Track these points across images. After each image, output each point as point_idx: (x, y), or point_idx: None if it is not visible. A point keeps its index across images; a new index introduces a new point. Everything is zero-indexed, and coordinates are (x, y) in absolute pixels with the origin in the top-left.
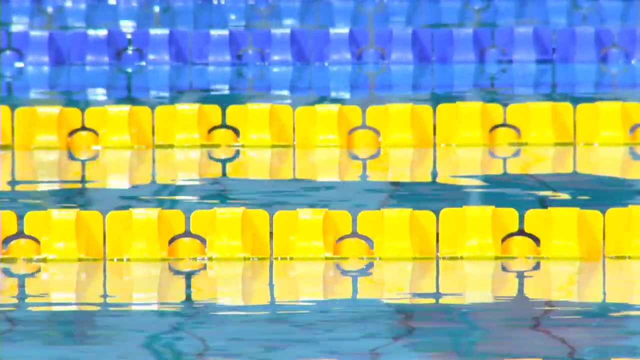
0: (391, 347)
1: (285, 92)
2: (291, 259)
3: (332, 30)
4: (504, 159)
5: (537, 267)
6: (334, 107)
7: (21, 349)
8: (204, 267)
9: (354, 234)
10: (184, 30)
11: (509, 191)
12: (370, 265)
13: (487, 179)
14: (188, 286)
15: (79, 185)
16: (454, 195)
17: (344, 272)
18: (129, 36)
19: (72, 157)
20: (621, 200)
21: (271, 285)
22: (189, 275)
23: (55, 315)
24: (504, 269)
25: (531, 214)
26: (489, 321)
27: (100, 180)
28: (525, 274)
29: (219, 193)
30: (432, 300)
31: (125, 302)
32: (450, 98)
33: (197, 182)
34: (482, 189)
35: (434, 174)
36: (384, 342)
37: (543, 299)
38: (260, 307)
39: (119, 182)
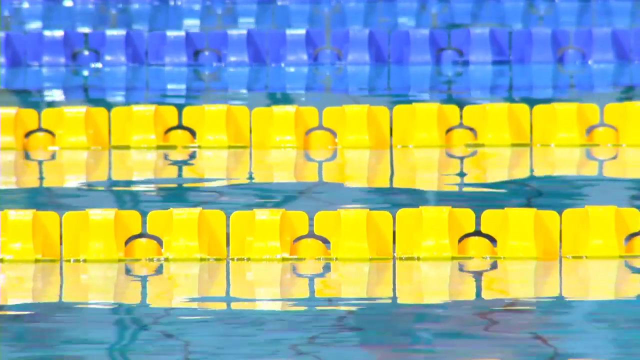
0: (341, 347)
1: (242, 93)
2: (248, 259)
3: (289, 32)
4: (461, 160)
5: (494, 267)
6: (291, 108)
7: None
8: (161, 268)
9: (311, 234)
10: (140, 31)
11: (465, 192)
12: (326, 266)
13: (442, 180)
14: (144, 287)
15: (36, 186)
16: (411, 196)
17: (300, 273)
18: (85, 37)
19: (28, 158)
20: (577, 200)
21: (227, 286)
22: (144, 276)
23: (8, 316)
24: (460, 269)
25: (487, 215)
26: (445, 321)
27: (57, 181)
28: (482, 274)
29: (175, 194)
30: (389, 301)
31: (80, 302)
32: (407, 99)
33: (153, 183)
34: (438, 190)
35: (391, 175)
36: (334, 343)
37: (500, 299)
38: (215, 308)
39: (75, 182)
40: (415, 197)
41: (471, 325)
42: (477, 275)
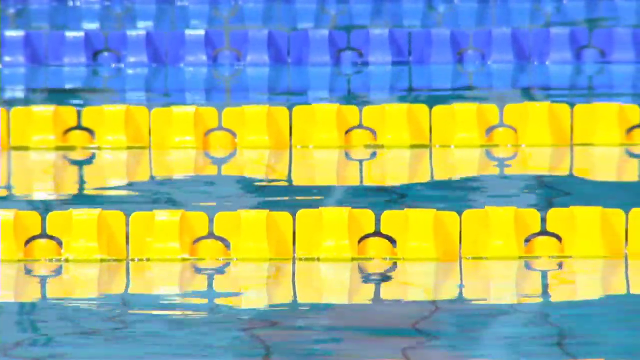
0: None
1: (142, 93)
2: (148, 260)
3: (188, 32)
4: (360, 160)
5: (393, 268)
6: (190, 109)
7: None
8: (60, 269)
9: (211, 235)
10: (39, 32)
11: (365, 192)
12: (226, 266)
13: (341, 180)
14: (43, 287)
15: None
16: (311, 197)
17: (200, 272)
18: None
19: None
20: (477, 201)
21: (127, 287)
22: (43, 277)
23: None
24: (360, 270)
25: (387, 215)
26: (343, 324)
27: None
28: (381, 275)
29: (75, 195)
30: (287, 300)
31: None
32: (306, 100)
33: (53, 184)
34: (339, 190)
35: (290, 175)
36: (231, 345)
37: (397, 300)
38: (113, 308)
39: None
40: (315, 198)
41: (369, 327)
42: (377, 276)
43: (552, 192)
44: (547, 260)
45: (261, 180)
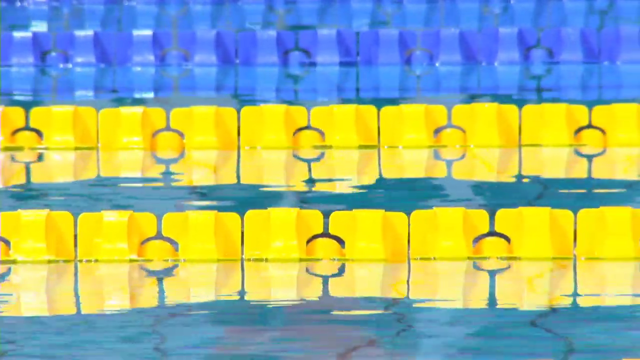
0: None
1: (90, 94)
2: (96, 261)
3: (135, 32)
4: (308, 161)
5: (341, 269)
6: (138, 109)
7: None
8: (9, 270)
9: (159, 236)
10: None
11: (315, 194)
12: (175, 267)
13: (289, 181)
14: None
15: None
16: (262, 198)
17: (149, 274)
18: None
19: None
20: (426, 201)
21: (75, 289)
22: None
23: None
24: (308, 270)
25: (336, 216)
26: (294, 322)
27: None
28: (330, 275)
29: (23, 196)
30: (237, 297)
31: None
32: (254, 101)
33: (0, 185)
34: (286, 191)
35: (239, 177)
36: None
37: (346, 297)
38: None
39: None
40: (263, 199)
41: (317, 324)
42: (325, 277)
43: (501, 192)
44: (496, 261)
45: (209, 181)
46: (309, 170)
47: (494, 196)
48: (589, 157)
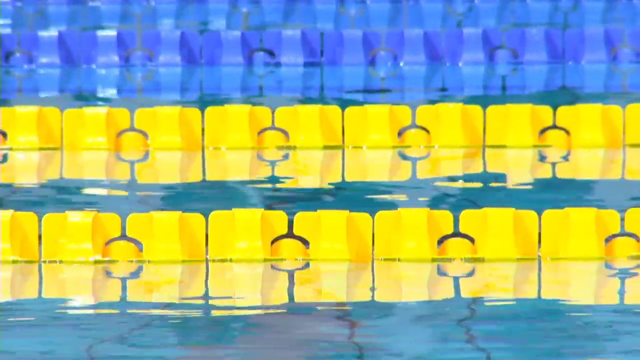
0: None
1: (54, 94)
2: (60, 262)
3: (100, 33)
4: (272, 163)
5: (306, 267)
6: (103, 110)
7: None
8: None
9: (124, 236)
10: None
11: (279, 194)
12: (140, 269)
13: (256, 181)
14: None
15: None
16: (226, 198)
17: (114, 275)
18: None
19: None
20: (390, 202)
21: (40, 289)
22: None
23: None
24: (273, 269)
25: (300, 217)
26: (256, 327)
27: None
28: (295, 275)
29: None
30: (201, 301)
31: None
32: (219, 101)
33: None
34: (250, 192)
35: (203, 176)
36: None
37: (308, 301)
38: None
39: None
40: (227, 199)
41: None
42: (290, 275)
43: (465, 193)
44: (460, 263)
45: (174, 181)
46: (273, 170)
47: (458, 197)
48: (553, 158)
